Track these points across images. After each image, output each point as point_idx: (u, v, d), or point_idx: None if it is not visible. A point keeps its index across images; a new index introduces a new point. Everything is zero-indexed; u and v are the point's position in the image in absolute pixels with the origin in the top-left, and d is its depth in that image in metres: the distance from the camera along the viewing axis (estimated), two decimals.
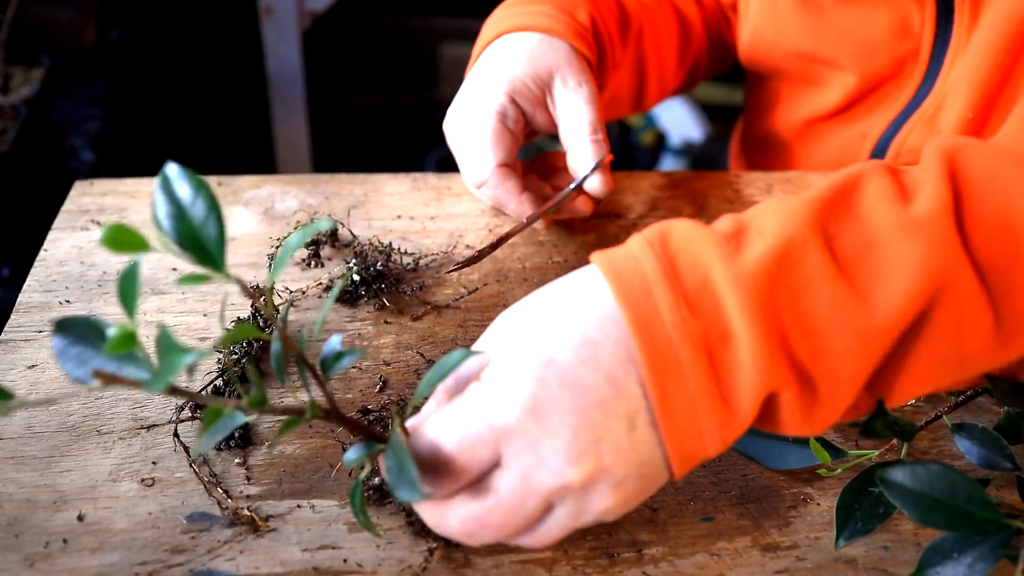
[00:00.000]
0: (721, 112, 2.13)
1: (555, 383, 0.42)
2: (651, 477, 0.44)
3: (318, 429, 0.57)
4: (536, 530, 0.44)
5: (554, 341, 0.43)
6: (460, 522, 0.44)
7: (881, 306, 0.42)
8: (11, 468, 0.54)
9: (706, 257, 0.43)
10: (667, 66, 0.82)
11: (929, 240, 0.43)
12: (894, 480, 0.46)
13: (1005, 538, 0.46)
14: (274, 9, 1.71)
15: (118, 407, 0.58)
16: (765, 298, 0.42)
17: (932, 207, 0.44)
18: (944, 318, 0.43)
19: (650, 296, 0.42)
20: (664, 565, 0.50)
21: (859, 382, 0.43)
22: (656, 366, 0.41)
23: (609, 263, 0.44)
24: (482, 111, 0.67)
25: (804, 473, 0.55)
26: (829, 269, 0.43)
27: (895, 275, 0.43)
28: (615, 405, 0.42)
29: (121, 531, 0.50)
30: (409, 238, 0.72)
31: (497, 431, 0.42)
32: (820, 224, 0.44)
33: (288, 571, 0.49)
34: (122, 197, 0.76)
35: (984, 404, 0.59)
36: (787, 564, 0.50)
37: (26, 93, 1.25)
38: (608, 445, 0.42)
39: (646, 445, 0.42)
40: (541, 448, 0.42)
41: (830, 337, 0.42)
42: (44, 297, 0.66)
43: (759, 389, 0.42)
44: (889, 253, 0.43)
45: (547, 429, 0.41)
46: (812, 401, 0.43)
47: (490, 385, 0.43)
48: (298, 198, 0.76)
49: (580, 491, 0.42)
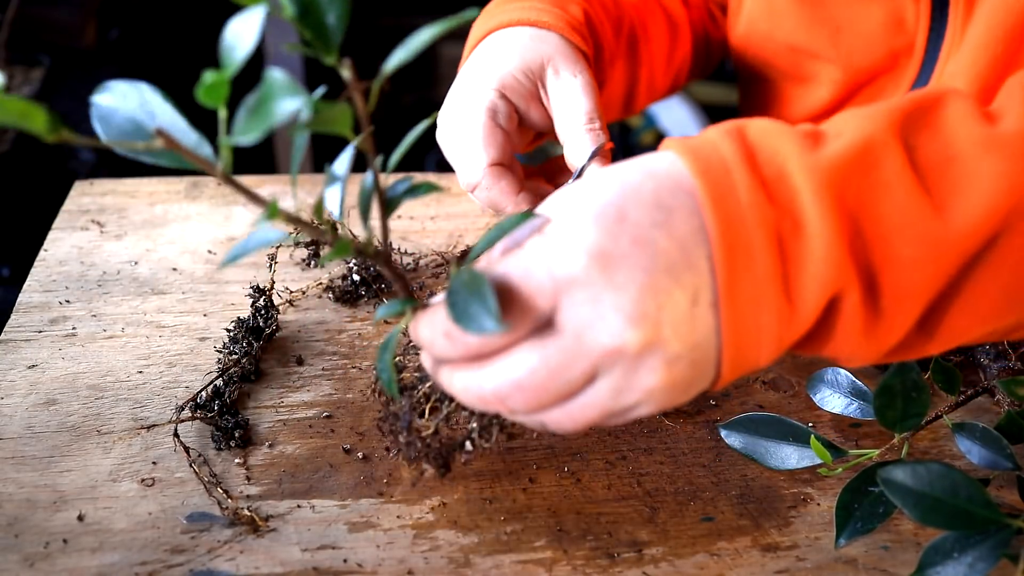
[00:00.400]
0: (721, 112, 2.12)
1: (627, 239, 0.40)
2: (701, 368, 0.42)
3: (318, 429, 0.57)
4: (570, 403, 0.42)
5: (628, 199, 0.41)
6: (496, 383, 0.41)
7: (955, 219, 0.42)
8: (11, 468, 0.54)
9: (784, 149, 0.42)
10: (657, 66, 0.81)
11: (1012, 159, 0.42)
12: (895, 479, 0.46)
13: (1005, 538, 0.46)
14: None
15: (118, 407, 0.58)
16: (840, 194, 0.41)
17: (1015, 127, 0.43)
18: (1015, 245, 0.42)
19: (728, 175, 0.41)
20: (664, 565, 0.50)
21: (922, 300, 0.42)
22: (728, 243, 0.40)
23: (684, 143, 0.43)
24: (471, 110, 0.65)
25: (804, 473, 0.55)
26: (907, 175, 0.42)
27: (973, 190, 0.42)
28: (683, 275, 0.41)
29: (121, 531, 0.50)
30: (409, 238, 0.72)
31: (559, 281, 0.40)
32: (901, 131, 0.43)
33: (288, 571, 0.49)
34: (122, 197, 0.76)
35: (984, 404, 0.59)
36: (787, 564, 0.50)
37: (26, 93, 1.25)
38: (670, 314, 0.40)
39: (705, 326, 0.41)
40: (602, 303, 0.40)
41: (900, 244, 0.41)
42: (44, 297, 0.66)
43: (825, 287, 0.40)
44: (969, 168, 0.42)
45: (613, 282, 0.40)
46: (874, 313, 0.42)
47: (555, 235, 0.41)
48: (298, 198, 0.76)
49: (633, 359, 0.40)
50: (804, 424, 0.56)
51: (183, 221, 0.74)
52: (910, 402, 0.50)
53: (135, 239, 0.71)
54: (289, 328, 0.65)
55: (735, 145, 0.42)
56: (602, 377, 0.41)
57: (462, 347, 0.41)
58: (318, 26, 0.37)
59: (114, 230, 0.72)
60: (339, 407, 0.59)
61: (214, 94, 0.34)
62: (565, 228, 0.41)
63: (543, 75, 0.66)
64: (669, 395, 0.42)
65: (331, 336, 0.64)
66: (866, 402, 0.55)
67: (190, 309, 0.66)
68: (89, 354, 0.61)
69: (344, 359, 0.62)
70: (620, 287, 0.40)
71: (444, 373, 0.43)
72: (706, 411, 0.59)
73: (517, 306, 0.40)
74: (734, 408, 0.59)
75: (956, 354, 0.61)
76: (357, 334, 0.64)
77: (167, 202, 0.76)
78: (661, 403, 0.42)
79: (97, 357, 0.61)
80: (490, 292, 0.38)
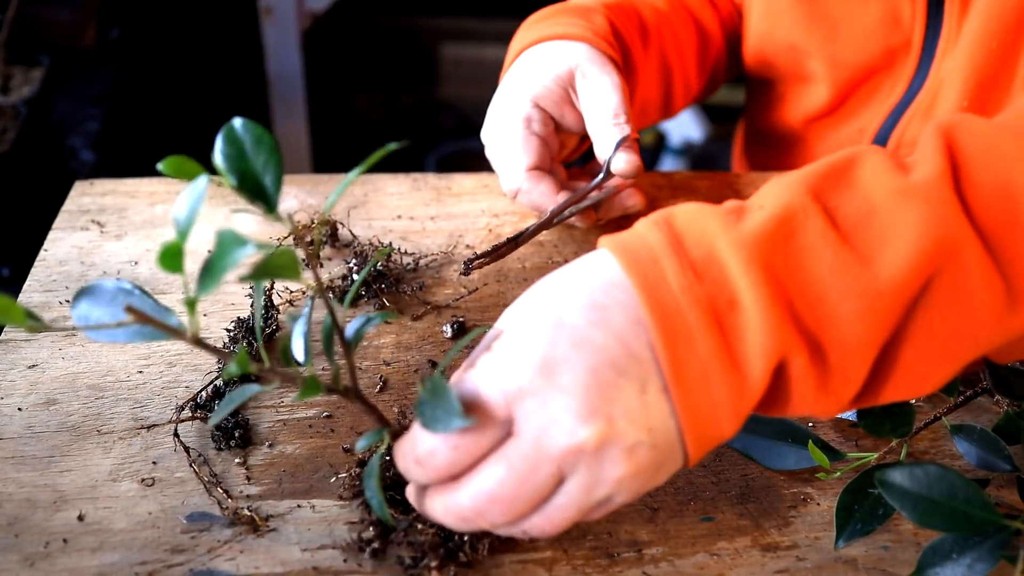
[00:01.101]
0: (721, 112, 2.13)
1: (565, 343, 0.42)
2: (665, 450, 0.43)
3: (318, 429, 0.57)
4: (546, 507, 0.43)
5: (563, 305, 0.43)
6: (471, 498, 0.43)
7: (885, 269, 0.42)
8: (11, 468, 0.54)
9: (710, 229, 0.43)
10: (690, 71, 0.83)
11: (929, 204, 0.43)
12: (893, 482, 0.46)
13: (1004, 539, 0.46)
14: (274, 9, 1.71)
15: (118, 407, 0.58)
16: (768, 262, 0.42)
17: (931, 174, 0.44)
18: (951, 285, 0.43)
19: (657, 263, 0.43)
20: (664, 565, 0.50)
21: (870, 351, 0.43)
22: (666, 329, 0.41)
23: (615, 240, 0.45)
24: (508, 121, 0.70)
25: (804, 473, 0.55)
26: (830, 234, 0.43)
27: (897, 238, 0.43)
28: (626, 366, 0.42)
29: (121, 531, 0.50)
30: (409, 238, 0.73)
31: (509, 395, 0.42)
32: (819, 195, 0.44)
33: (288, 571, 0.49)
34: (122, 197, 0.76)
35: (983, 405, 0.59)
36: (787, 564, 0.50)
37: (26, 93, 1.25)
38: (620, 406, 0.41)
39: (658, 411, 0.42)
40: (552, 407, 0.41)
41: (835, 301, 0.42)
42: (44, 297, 0.66)
43: (769, 354, 0.42)
44: (891, 219, 0.43)
45: (558, 386, 0.41)
46: (824, 371, 0.43)
47: (501, 352, 0.43)
48: (298, 198, 0.76)
49: (593, 454, 0.41)
50: (804, 424, 0.57)
51: None
52: (894, 416, 0.51)
53: (135, 239, 0.71)
54: (289, 328, 0.65)
55: (662, 234, 0.44)
56: (570, 477, 0.42)
57: (433, 470, 0.43)
58: (256, 190, 0.41)
59: (114, 230, 0.72)
60: (339, 407, 0.59)
61: (171, 262, 0.37)
62: (509, 342, 0.43)
63: (572, 80, 0.70)
64: (639, 481, 0.43)
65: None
66: None
67: None
68: (89, 354, 0.61)
69: (344, 359, 0.62)
70: (566, 389, 0.41)
71: (427, 501, 0.45)
72: None
73: (476, 425, 0.42)
74: None
75: None
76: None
77: (167, 202, 0.76)
78: (635, 490, 0.44)
79: (97, 357, 0.61)
80: (452, 395, 0.41)
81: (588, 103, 0.69)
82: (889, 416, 0.50)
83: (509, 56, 0.76)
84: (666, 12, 0.82)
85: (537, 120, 0.70)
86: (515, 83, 0.71)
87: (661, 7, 0.81)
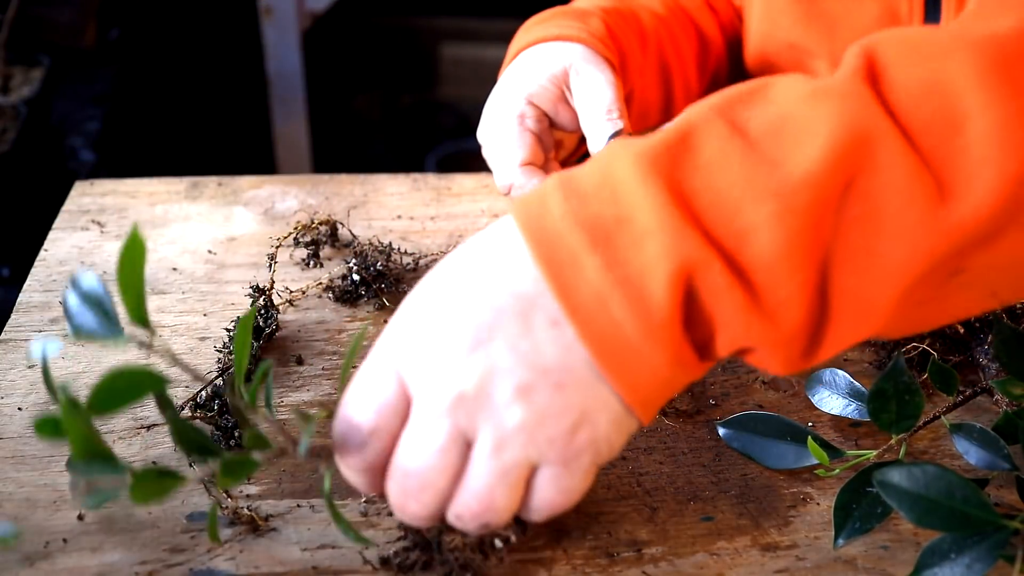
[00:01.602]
0: None
1: (443, 298, 0.43)
2: (577, 390, 0.41)
3: (318, 429, 0.57)
4: (467, 480, 0.42)
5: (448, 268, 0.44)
6: (395, 482, 0.43)
7: (798, 167, 0.40)
8: (11, 468, 0.54)
9: (606, 155, 0.42)
10: (690, 73, 0.84)
11: (842, 98, 0.41)
12: (891, 481, 0.46)
13: (1002, 539, 0.46)
14: (274, 9, 1.71)
15: None
16: (666, 174, 0.40)
17: (844, 74, 0.42)
18: (875, 186, 0.40)
19: (543, 202, 0.42)
20: (664, 565, 0.50)
21: (796, 263, 0.40)
22: (545, 256, 0.40)
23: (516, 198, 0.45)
24: (502, 117, 0.70)
25: (804, 472, 0.56)
26: (738, 142, 0.41)
27: (810, 135, 0.40)
28: (505, 304, 0.41)
29: (121, 531, 0.51)
30: (409, 238, 0.73)
31: (398, 364, 0.42)
32: (726, 111, 0.42)
33: (288, 571, 0.49)
34: (122, 197, 0.76)
35: (983, 404, 0.59)
36: (787, 564, 0.51)
37: (26, 93, 1.25)
38: (498, 343, 0.40)
39: (552, 346, 0.40)
40: (431, 360, 0.41)
41: (749, 209, 0.39)
42: (44, 297, 0.66)
43: (669, 264, 0.39)
44: (803, 121, 0.41)
45: (433, 338, 0.41)
46: (748, 289, 0.40)
47: (389, 326, 0.44)
48: (298, 198, 0.76)
49: (478, 400, 0.40)
50: (804, 423, 0.57)
51: (183, 221, 0.74)
52: (904, 404, 0.50)
53: None
54: (289, 328, 0.65)
55: (556, 179, 0.43)
56: (476, 438, 0.41)
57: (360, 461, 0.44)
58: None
59: (114, 230, 0.72)
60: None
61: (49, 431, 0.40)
62: (396, 315, 0.44)
63: (567, 79, 0.71)
64: (554, 430, 0.41)
65: (331, 336, 0.64)
66: (863, 403, 0.56)
67: (190, 309, 0.66)
68: (89, 354, 0.61)
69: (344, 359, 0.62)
70: (440, 339, 0.41)
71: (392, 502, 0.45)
72: (706, 411, 0.59)
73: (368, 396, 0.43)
74: (734, 407, 0.59)
75: (955, 354, 0.61)
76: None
77: (167, 202, 0.76)
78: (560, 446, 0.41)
79: (97, 357, 0.61)
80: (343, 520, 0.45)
81: (582, 100, 0.70)
82: (898, 399, 0.50)
83: (507, 57, 0.77)
84: (665, 16, 0.82)
85: (531, 116, 0.70)
86: (510, 81, 0.72)
87: (660, 12, 0.82)
